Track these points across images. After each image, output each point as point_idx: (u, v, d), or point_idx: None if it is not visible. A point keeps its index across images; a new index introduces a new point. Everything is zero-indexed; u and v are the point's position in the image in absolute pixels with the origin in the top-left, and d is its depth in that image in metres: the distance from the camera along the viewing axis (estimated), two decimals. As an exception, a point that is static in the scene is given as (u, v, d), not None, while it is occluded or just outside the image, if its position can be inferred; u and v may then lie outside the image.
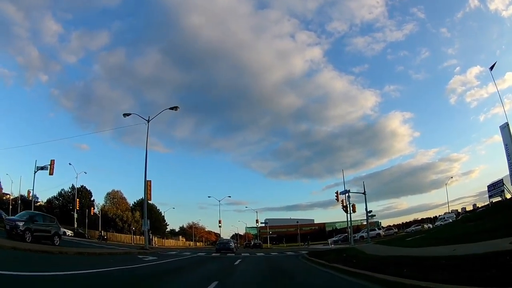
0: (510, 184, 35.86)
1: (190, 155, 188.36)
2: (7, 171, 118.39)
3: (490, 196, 46.08)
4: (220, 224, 71.27)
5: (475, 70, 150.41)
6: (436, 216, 72.82)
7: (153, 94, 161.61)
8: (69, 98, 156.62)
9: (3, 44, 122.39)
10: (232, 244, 38.65)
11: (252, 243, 67.33)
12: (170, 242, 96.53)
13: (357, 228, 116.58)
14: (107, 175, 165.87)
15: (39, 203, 76.95)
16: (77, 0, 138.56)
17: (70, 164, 65.98)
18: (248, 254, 34.03)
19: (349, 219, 42.81)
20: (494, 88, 32.67)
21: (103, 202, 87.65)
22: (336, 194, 47.92)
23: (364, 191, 40.96)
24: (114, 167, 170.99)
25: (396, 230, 65.53)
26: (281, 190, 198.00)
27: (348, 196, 40.40)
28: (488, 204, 45.90)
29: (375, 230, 59.42)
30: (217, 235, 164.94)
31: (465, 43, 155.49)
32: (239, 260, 22.12)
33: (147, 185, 33.96)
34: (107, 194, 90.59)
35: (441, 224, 47.19)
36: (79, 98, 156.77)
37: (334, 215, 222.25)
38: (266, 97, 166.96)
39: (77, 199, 67.58)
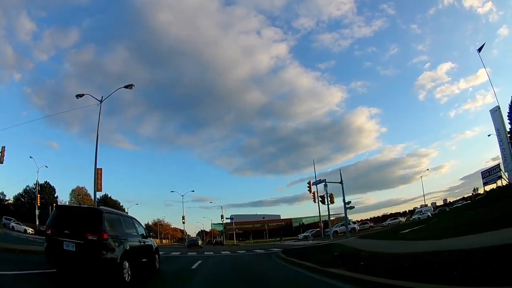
0: (503, 170, 32.81)
1: (157, 152, 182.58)
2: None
3: (485, 183, 43.57)
4: (183, 220, 65.46)
5: (446, 66, 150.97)
6: (412, 210, 71.07)
7: (121, 91, 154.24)
8: (40, 96, 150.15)
9: None
10: (200, 241, 53.25)
11: (214, 240, 62.08)
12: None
13: (327, 224, 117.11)
14: (77, 173, 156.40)
15: (7, 202, 72.36)
16: None
17: (31, 157, 59.30)
18: (212, 252, 29.07)
19: (326, 212, 38.31)
20: (466, 84, 31.07)
21: (68, 199, 79.67)
22: (308, 185, 44.32)
23: (341, 180, 36.75)
24: (83, 165, 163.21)
25: (372, 224, 62.43)
26: (247, 186, 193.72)
27: (325, 185, 36.04)
28: (483, 192, 43.41)
29: (350, 224, 55.79)
30: (183, 232, 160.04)
31: (436, 39, 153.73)
32: (199, 262, 17.15)
33: (97, 173, 27.96)
34: (72, 190, 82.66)
35: (419, 218, 45.07)
36: (50, 96, 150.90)
37: (300, 211, 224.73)
38: (232, 94, 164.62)
39: (38, 195, 60.89)
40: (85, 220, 8.52)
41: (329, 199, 35.84)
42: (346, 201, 36.94)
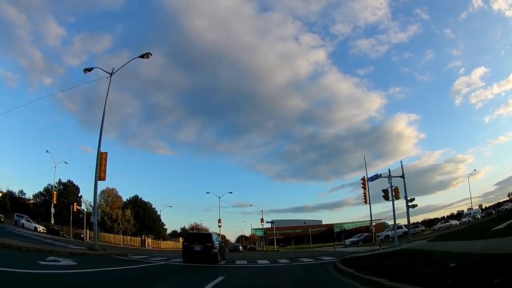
0: None
1: (195, 158, 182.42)
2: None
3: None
4: (220, 224, 59.94)
5: (480, 71, 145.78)
6: (455, 213, 68.68)
7: (158, 97, 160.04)
8: (72, 101, 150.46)
9: (6, 46, 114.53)
10: (241, 247, 55.53)
11: (248, 246, 55.17)
12: (168, 244, 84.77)
13: (365, 230, 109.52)
14: (109, 176, 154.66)
15: (28, 201, 69.06)
16: (79, 3, 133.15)
17: (47, 151, 56.46)
18: (245, 262, 22.00)
19: (393, 209, 30.72)
20: (499, 89, 26.63)
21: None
22: (362, 181, 38.52)
23: (403, 174, 29.26)
24: (119, 169, 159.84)
25: (423, 227, 54.47)
26: (287, 192, 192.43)
27: (389, 177, 28.51)
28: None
29: (401, 228, 48.09)
30: (222, 237, 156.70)
31: (469, 43, 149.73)
32: (220, 279, 10.58)
33: (101, 158, 22.74)
34: (101, 192, 77.83)
35: (469, 220, 43.30)
36: (82, 101, 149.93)
37: (340, 217, 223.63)
38: (271, 100, 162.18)
39: (55, 192, 58.54)
40: (204, 237, 20.45)
41: (393, 193, 28.25)
42: (408, 199, 29.18)
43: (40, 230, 41.71)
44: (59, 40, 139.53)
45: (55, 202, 56.62)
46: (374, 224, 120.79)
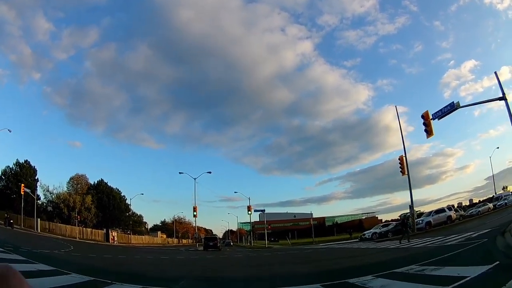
0: None
1: (182, 151, 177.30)
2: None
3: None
4: (195, 213, 47.25)
5: (470, 64, 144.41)
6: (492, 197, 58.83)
7: (145, 89, 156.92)
8: (61, 96, 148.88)
9: None
10: (218, 242, 45.45)
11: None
12: (142, 239, 71.48)
13: (358, 223, 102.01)
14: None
15: None
16: None
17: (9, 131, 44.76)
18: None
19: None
20: (489, 82, 18.46)
21: (65, 188, 62.54)
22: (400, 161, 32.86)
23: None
24: (106, 163, 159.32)
25: (462, 212, 43.30)
26: (275, 186, 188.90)
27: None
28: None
29: (444, 211, 36.32)
30: (208, 231, 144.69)
31: (459, 36, 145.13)
32: None
33: None
34: (70, 178, 65.15)
35: (505, 203, 40.65)
36: (71, 95, 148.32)
37: (328, 211, 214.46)
38: (258, 92, 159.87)
39: None
40: (214, 238, 44.83)
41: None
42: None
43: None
44: (47, 35, 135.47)
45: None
46: (364, 217, 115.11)
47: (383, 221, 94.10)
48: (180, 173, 53.31)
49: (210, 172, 52.78)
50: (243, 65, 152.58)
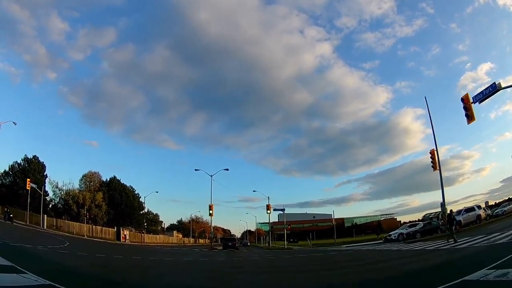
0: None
1: (201, 152, 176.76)
2: None
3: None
4: (211, 211, 44.34)
5: (486, 66, 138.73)
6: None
7: (163, 91, 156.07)
8: (77, 95, 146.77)
9: (10, 42, 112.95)
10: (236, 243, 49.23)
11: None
12: (155, 238, 68.87)
13: (377, 224, 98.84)
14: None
15: None
16: None
17: (14, 123, 41.78)
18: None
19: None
20: (504, 84, 19.63)
21: (77, 185, 61.14)
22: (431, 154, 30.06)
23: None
24: (124, 162, 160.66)
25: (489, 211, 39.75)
26: (293, 187, 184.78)
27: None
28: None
29: (473, 210, 33.71)
30: (226, 231, 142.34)
31: (475, 39, 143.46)
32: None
33: None
34: (82, 176, 63.57)
35: None
36: (87, 95, 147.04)
37: (347, 212, 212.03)
38: (277, 94, 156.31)
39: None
40: (233, 238, 51.80)
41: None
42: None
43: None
44: (63, 35, 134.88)
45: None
46: (382, 218, 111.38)
47: (401, 222, 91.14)
48: (196, 170, 50.22)
49: (227, 169, 49.31)
50: (262, 67, 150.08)
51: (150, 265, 15.41)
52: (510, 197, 55.46)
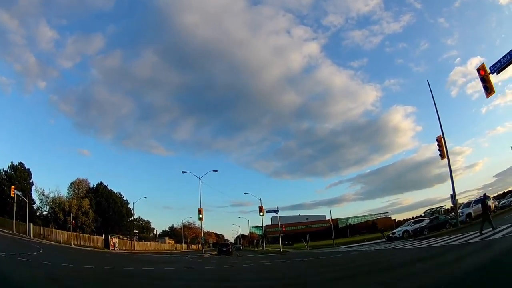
0: None
1: (192, 157, 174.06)
2: None
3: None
4: (200, 215, 42.41)
5: (475, 60, 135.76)
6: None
7: (152, 96, 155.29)
8: (68, 103, 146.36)
9: (0, 52, 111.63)
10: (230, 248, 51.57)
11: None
12: (146, 246, 66.91)
13: (371, 224, 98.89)
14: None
15: None
16: (70, 5, 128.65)
17: None
18: None
19: None
20: (495, 79, 19.26)
21: (65, 193, 58.97)
22: (438, 141, 29.03)
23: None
24: (114, 170, 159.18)
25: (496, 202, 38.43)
26: (285, 189, 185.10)
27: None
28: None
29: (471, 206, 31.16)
30: (219, 236, 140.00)
31: (464, 33, 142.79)
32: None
33: None
34: (71, 183, 61.40)
35: None
36: (78, 103, 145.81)
37: (340, 213, 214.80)
38: (266, 96, 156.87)
39: None
40: (227, 244, 55.32)
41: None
42: None
43: None
44: (51, 43, 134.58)
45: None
46: (376, 218, 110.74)
47: (396, 221, 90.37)
48: (183, 172, 48.50)
49: (216, 171, 47.45)
50: (250, 69, 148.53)
51: (124, 274, 13.39)
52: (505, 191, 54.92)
